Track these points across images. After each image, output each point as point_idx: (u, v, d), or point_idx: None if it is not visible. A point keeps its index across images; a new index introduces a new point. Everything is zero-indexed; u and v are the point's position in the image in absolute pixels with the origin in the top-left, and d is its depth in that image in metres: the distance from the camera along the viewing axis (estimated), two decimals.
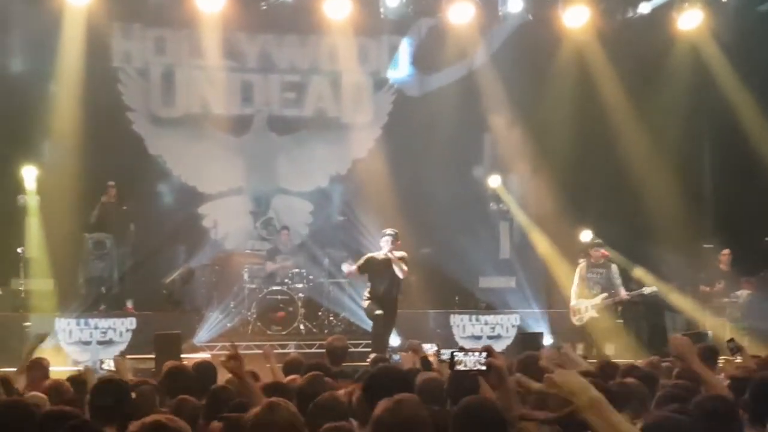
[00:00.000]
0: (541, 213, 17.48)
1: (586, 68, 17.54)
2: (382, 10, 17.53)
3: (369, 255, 14.05)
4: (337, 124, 18.83)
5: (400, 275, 13.68)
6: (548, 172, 17.45)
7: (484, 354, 4.79)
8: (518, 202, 18.07)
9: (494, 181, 18.04)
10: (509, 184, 18.25)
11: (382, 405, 4.27)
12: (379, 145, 18.58)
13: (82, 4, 16.03)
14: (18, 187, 15.54)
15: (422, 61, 18.57)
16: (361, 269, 13.87)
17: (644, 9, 16.47)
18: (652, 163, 17.41)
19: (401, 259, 13.66)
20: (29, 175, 15.53)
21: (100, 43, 16.90)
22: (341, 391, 6.98)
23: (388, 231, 14.00)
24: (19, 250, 15.15)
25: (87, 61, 16.37)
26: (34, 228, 15.39)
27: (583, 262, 15.11)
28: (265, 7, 16.94)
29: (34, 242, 15.29)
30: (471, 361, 4.77)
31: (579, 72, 17.55)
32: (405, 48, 18.66)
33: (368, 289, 13.95)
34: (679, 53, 17.58)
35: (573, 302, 15.10)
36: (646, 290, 14.95)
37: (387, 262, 13.68)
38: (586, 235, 15.80)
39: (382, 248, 13.70)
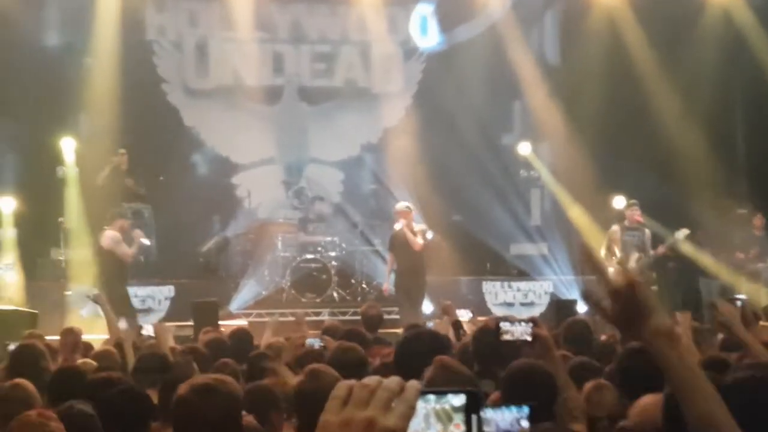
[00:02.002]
0: (572, 179, 17.46)
1: (617, 33, 17.50)
2: None
3: (391, 234, 14.59)
4: (367, 94, 18.93)
5: (415, 247, 14.07)
6: (579, 138, 17.43)
7: (530, 324, 4.86)
8: (549, 168, 18.11)
9: (524, 149, 18.06)
10: (540, 151, 18.27)
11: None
12: (409, 113, 18.66)
13: None
14: (57, 159, 15.78)
15: (447, 15, 18.51)
16: (390, 249, 14.54)
17: None
18: (685, 128, 17.36)
19: (417, 231, 14.15)
20: (67, 147, 15.76)
21: (134, 16, 17.10)
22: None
23: (398, 205, 14.60)
24: (59, 220, 15.41)
25: (122, 35, 16.58)
26: (72, 199, 15.64)
27: (615, 227, 15.06)
28: None
29: (73, 213, 15.54)
30: (518, 331, 4.84)
31: (610, 37, 17.51)
32: (432, 14, 18.65)
33: (395, 265, 14.38)
34: (710, 16, 17.52)
35: (611, 269, 14.93)
36: (679, 234, 14.89)
37: (404, 236, 14.13)
38: (618, 201, 15.79)
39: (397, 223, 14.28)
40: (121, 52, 16.52)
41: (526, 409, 3.51)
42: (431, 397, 1.94)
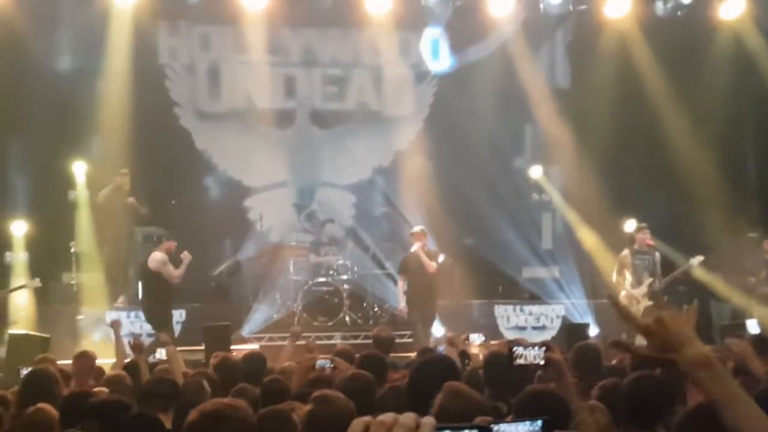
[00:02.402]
0: (583, 203, 17.42)
1: (628, 55, 17.48)
2: (423, 2, 17.60)
3: (403, 257, 14.89)
4: (379, 117, 18.96)
5: (429, 270, 14.41)
6: (590, 161, 17.41)
7: (543, 348, 4.85)
8: (560, 192, 18.09)
9: (536, 172, 18.07)
10: (551, 175, 18.28)
11: (440, 395, 4.42)
12: (421, 137, 18.66)
13: (129, 3, 16.28)
14: (69, 183, 15.82)
15: (457, 36, 18.52)
16: (402, 272, 14.79)
17: None
18: (696, 151, 17.31)
19: (429, 254, 14.44)
20: (79, 170, 15.81)
21: (146, 40, 17.16)
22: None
23: (414, 228, 14.88)
24: (71, 244, 15.41)
25: (134, 58, 16.62)
26: (84, 223, 15.66)
27: (626, 251, 15.03)
28: (309, 4, 17.07)
29: (84, 237, 15.56)
30: (531, 356, 4.83)
31: (621, 59, 17.49)
32: (444, 37, 18.67)
33: (406, 288, 14.62)
34: (721, 42, 17.49)
35: (622, 294, 14.88)
36: (694, 261, 14.84)
37: (418, 259, 14.36)
38: (630, 225, 15.76)
39: (412, 246, 14.54)
40: (133, 75, 16.55)
41: (539, 423, 3.50)
42: None
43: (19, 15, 15.72)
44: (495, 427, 3.44)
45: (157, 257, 14.03)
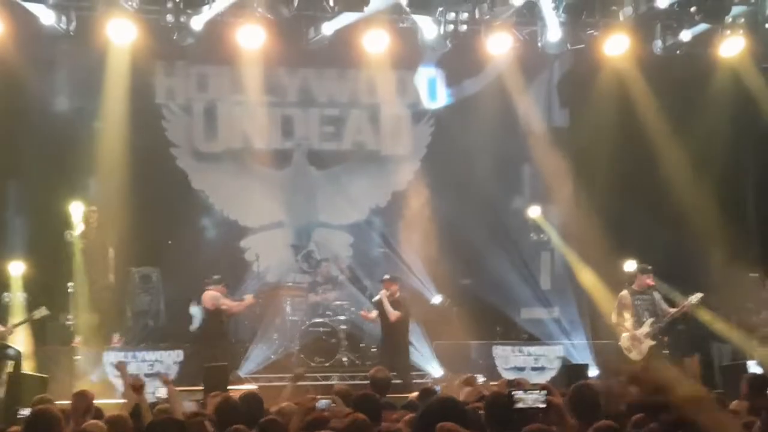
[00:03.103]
0: (582, 243, 17.37)
1: (626, 94, 17.48)
2: (420, 43, 17.62)
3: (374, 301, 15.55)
4: (376, 157, 18.97)
5: (390, 318, 14.91)
6: (589, 201, 17.39)
7: (543, 392, 4.81)
8: (559, 232, 18.05)
9: (534, 212, 18.06)
10: (549, 215, 18.25)
11: None
12: (418, 177, 18.66)
13: (126, 43, 16.24)
14: (66, 223, 15.74)
15: (453, 71, 18.57)
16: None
17: (685, 36, 16.43)
18: (695, 191, 17.27)
19: (395, 302, 15.03)
20: (76, 210, 15.75)
21: (143, 80, 17.14)
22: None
23: (385, 276, 15.49)
24: (68, 285, 15.32)
25: (131, 99, 16.54)
26: (81, 263, 15.58)
27: (625, 292, 14.97)
28: (307, 45, 17.10)
29: (81, 277, 15.47)
30: (531, 399, 4.79)
31: (620, 99, 17.50)
32: (439, 73, 18.71)
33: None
34: (720, 80, 17.48)
35: (625, 335, 14.81)
36: (693, 299, 14.81)
37: (381, 305, 14.98)
38: (630, 265, 15.71)
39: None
40: (130, 115, 16.48)
41: None
42: None
43: (17, 56, 15.65)
44: None
45: (209, 295, 14.75)
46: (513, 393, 4.86)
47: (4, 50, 15.48)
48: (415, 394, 9.96)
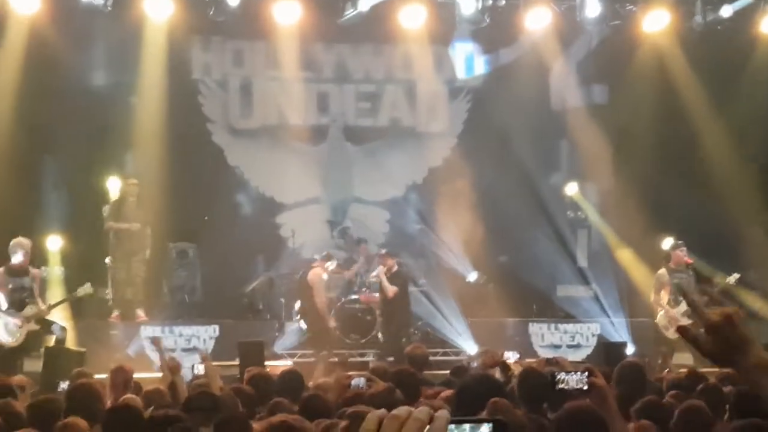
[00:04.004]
0: (620, 220, 17.25)
1: (666, 72, 17.32)
2: (457, 17, 17.51)
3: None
4: (412, 134, 18.90)
5: (388, 294, 14.94)
6: (627, 178, 17.25)
7: (585, 374, 4.77)
8: (596, 209, 17.93)
9: (571, 189, 17.95)
10: (587, 192, 18.12)
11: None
12: (454, 153, 18.58)
13: (163, 19, 16.28)
14: (103, 198, 15.82)
15: (489, 40, 18.38)
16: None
17: (726, 12, 16.21)
18: (735, 168, 17.12)
19: (393, 277, 15.00)
20: (113, 186, 15.81)
21: (180, 56, 17.18)
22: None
23: (381, 251, 15.59)
24: (106, 260, 15.41)
25: (167, 74, 16.62)
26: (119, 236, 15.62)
27: (662, 270, 14.82)
28: (342, 20, 17.04)
29: (119, 250, 15.51)
30: (573, 381, 4.74)
31: (659, 75, 17.33)
32: (476, 45, 18.59)
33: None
34: (761, 55, 17.29)
35: (661, 314, 14.69)
36: (731, 279, 14.65)
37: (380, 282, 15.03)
38: (667, 242, 15.57)
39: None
40: (166, 91, 16.56)
41: None
42: (462, 426, 1.94)
43: (54, 32, 15.75)
44: None
45: (318, 273, 14.84)
46: (555, 374, 4.80)
47: (41, 26, 15.56)
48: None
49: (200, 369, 8.61)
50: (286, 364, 13.70)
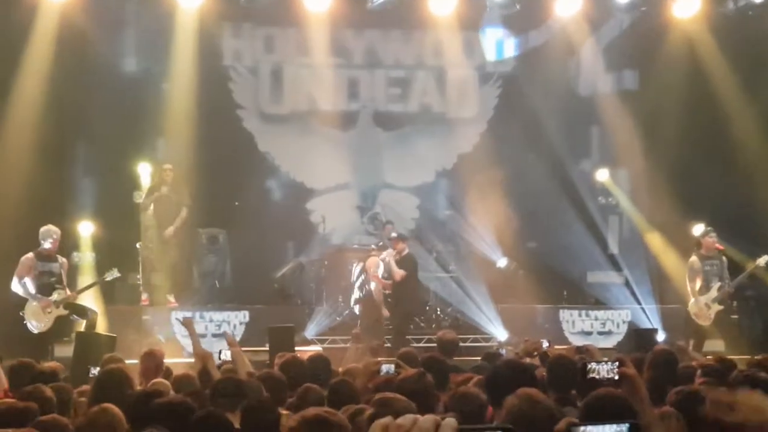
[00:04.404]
0: (651, 206, 17.15)
1: (697, 57, 17.18)
2: (487, 3, 17.45)
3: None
4: (442, 119, 18.85)
5: (395, 277, 14.79)
6: (658, 164, 17.14)
7: (616, 363, 4.77)
8: (627, 195, 17.83)
9: (602, 175, 17.85)
10: (618, 177, 18.02)
11: (511, 399, 4.35)
12: (484, 139, 18.52)
13: (194, 5, 16.34)
14: (134, 184, 15.90)
15: (518, 23, 18.32)
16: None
17: None
18: (765, 153, 16.95)
19: (402, 261, 14.79)
20: (144, 171, 15.89)
21: (211, 42, 17.24)
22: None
23: (392, 234, 15.34)
24: (137, 245, 15.51)
25: (198, 60, 16.70)
26: (151, 220, 15.71)
27: (694, 257, 14.74)
28: (371, 5, 17.01)
29: (150, 235, 15.62)
30: (603, 370, 4.75)
31: (689, 59, 17.18)
32: (506, 30, 18.52)
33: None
34: None
35: (692, 301, 14.61)
36: (761, 261, 14.55)
37: (388, 266, 14.90)
38: (697, 229, 15.47)
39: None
40: (197, 77, 16.63)
41: (625, 427, 3.37)
42: None
43: (85, 18, 15.84)
44: (581, 429, 3.34)
45: (375, 261, 15.16)
46: (586, 364, 4.81)
47: (73, 12, 15.65)
48: None
49: (227, 355, 8.61)
50: (316, 349, 13.71)
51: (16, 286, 12.85)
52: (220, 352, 9.23)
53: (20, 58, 15.59)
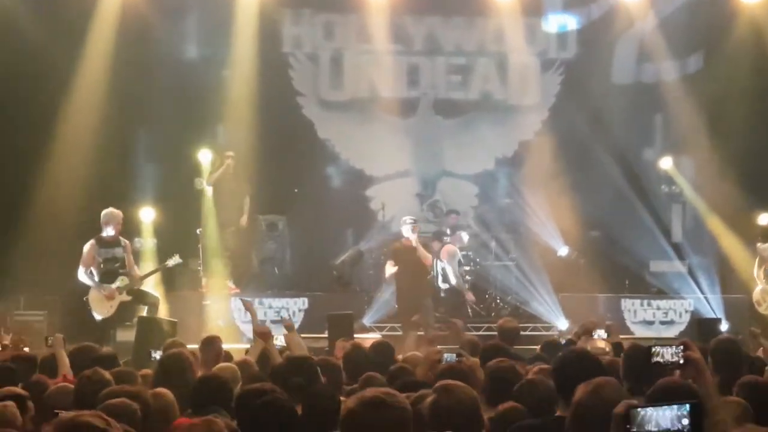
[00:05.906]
0: (716, 195, 16.86)
1: (764, 43, 16.86)
2: None
3: (394, 245, 14.83)
4: (503, 107, 18.70)
5: (426, 262, 14.43)
6: (723, 152, 16.85)
7: (681, 347, 4.67)
8: (691, 183, 17.57)
9: (666, 163, 17.61)
10: (682, 166, 17.76)
11: (582, 388, 4.26)
12: (546, 127, 18.35)
13: None
14: (195, 170, 15.98)
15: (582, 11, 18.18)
16: (392, 258, 14.66)
17: None
18: None
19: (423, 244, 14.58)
20: (205, 158, 15.96)
21: (271, 29, 17.27)
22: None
23: (409, 218, 14.73)
24: (197, 231, 15.60)
25: (259, 47, 16.74)
26: (212, 207, 15.80)
27: (762, 245, 14.53)
28: None
29: (211, 221, 15.70)
30: (668, 354, 4.65)
31: (756, 45, 16.87)
32: (573, 24, 18.34)
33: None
34: None
35: (757, 289, 14.44)
36: None
37: (413, 251, 14.26)
38: (764, 218, 15.21)
39: (406, 235, 14.48)
40: (257, 64, 16.68)
41: (687, 407, 3.27)
42: None
43: (147, 5, 15.97)
44: (641, 412, 3.26)
45: (450, 249, 15.11)
46: (651, 347, 4.71)
47: (134, 0, 15.75)
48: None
49: (281, 340, 8.57)
50: (374, 336, 13.70)
51: (82, 276, 12.91)
52: (275, 339, 9.21)
53: (83, 45, 15.73)
